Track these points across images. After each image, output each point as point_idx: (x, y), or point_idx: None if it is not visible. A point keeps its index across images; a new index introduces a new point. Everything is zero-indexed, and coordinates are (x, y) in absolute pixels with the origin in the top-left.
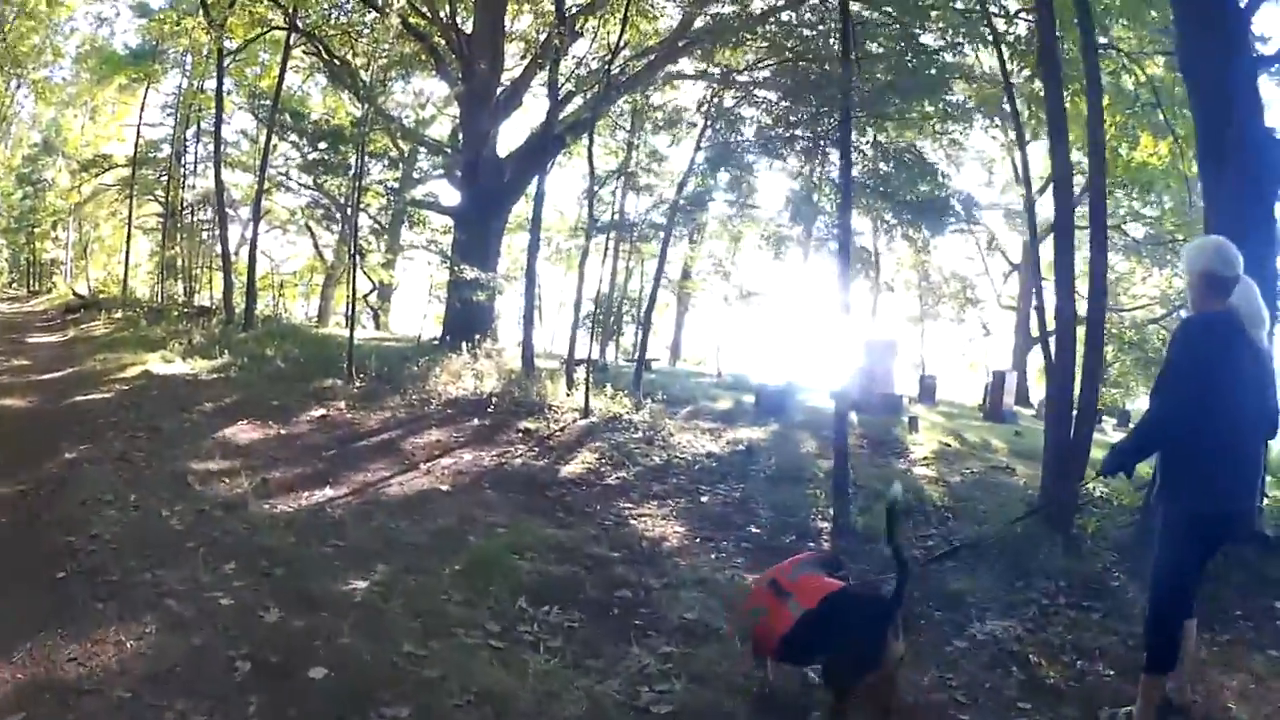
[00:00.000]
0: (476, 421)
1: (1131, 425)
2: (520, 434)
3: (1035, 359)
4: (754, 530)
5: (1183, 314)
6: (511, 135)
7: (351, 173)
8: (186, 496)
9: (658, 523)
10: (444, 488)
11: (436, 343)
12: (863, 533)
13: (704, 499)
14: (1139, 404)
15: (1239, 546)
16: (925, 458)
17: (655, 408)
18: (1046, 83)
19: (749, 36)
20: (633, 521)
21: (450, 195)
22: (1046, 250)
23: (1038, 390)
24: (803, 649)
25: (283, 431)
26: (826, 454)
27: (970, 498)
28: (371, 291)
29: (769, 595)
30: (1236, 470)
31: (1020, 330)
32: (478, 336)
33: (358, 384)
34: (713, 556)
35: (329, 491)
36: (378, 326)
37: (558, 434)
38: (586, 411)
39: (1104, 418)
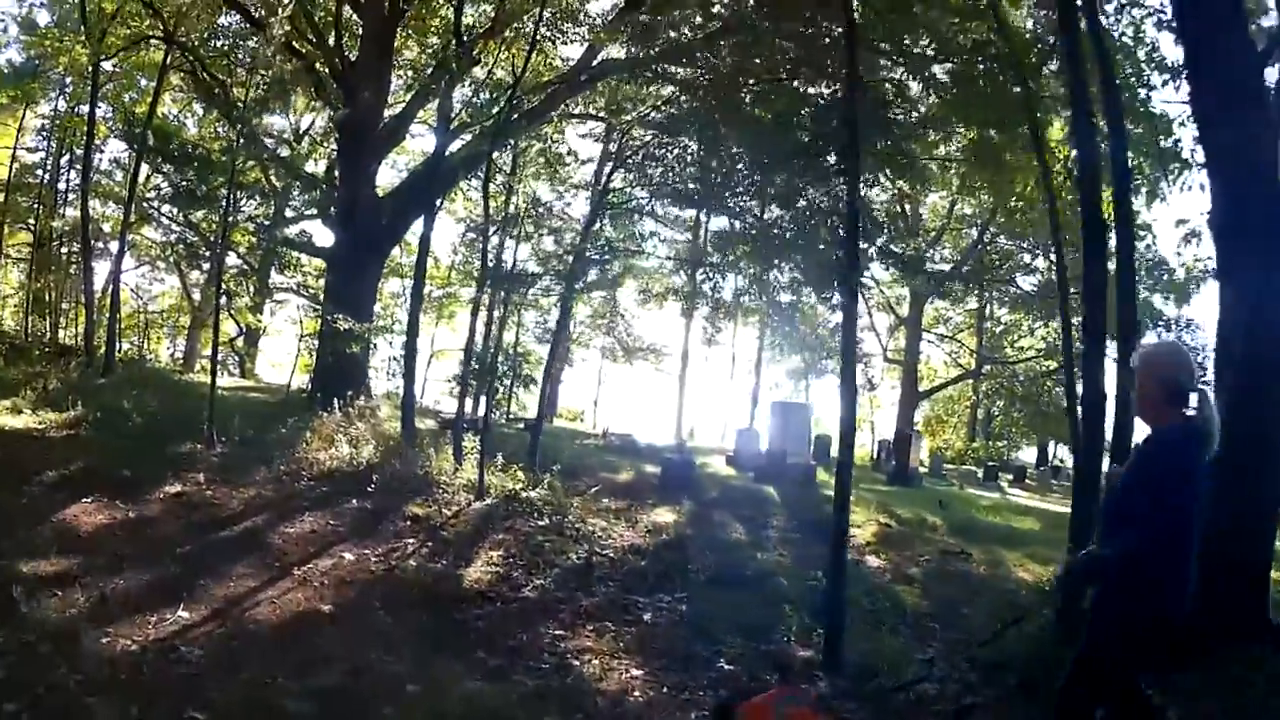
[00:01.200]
0: (356, 503)
1: (1021, 479)
2: (409, 522)
3: (919, 414)
4: (726, 665)
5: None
6: (390, 177)
7: (220, 205)
8: (10, 619)
9: (607, 662)
10: (326, 608)
11: (305, 396)
12: (860, 664)
13: (647, 616)
14: (1023, 455)
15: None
16: (869, 542)
17: (554, 482)
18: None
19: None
20: (575, 662)
21: (324, 236)
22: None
23: (923, 446)
24: None
25: (132, 514)
26: (760, 544)
27: (946, 597)
28: (239, 336)
29: None
30: (1187, 581)
31: (906, 386)
32: (350, 393)
33: (219, 449)
34: (693, 717)
35: (184, 614)
36: (244, 374)
37: (451, 521)
38: (481, 491)
39: (999, 473)
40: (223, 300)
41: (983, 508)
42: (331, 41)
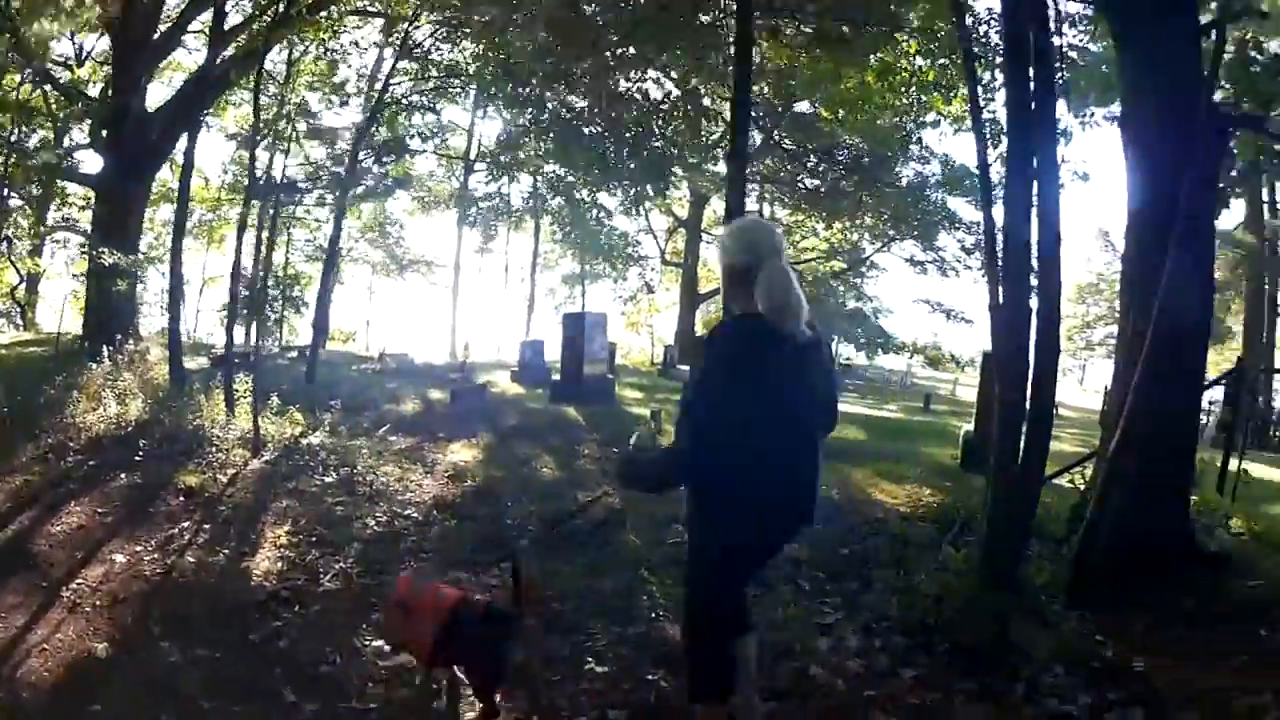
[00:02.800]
0: (125, 479)
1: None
2: (182, 498)
3: (699, 316)
4: (597, 667)
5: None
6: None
7: None
8: None
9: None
10: (100, 645)
11: (76, 346)
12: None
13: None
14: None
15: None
16: None
17: (335, 422)
18: None
19: None
20: (403, 690)
21: (95, 163)
22: None
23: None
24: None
25: None
26: (580, 482)
27: None
28: (20, 284)
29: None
30: (787, 488)
31: (687, 288)
32: (119, 337)
33: None
34: None
35: None
36: (25, 325)
37: (229, 492)
38: (257, 445)
39: None
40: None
41: None
42: None
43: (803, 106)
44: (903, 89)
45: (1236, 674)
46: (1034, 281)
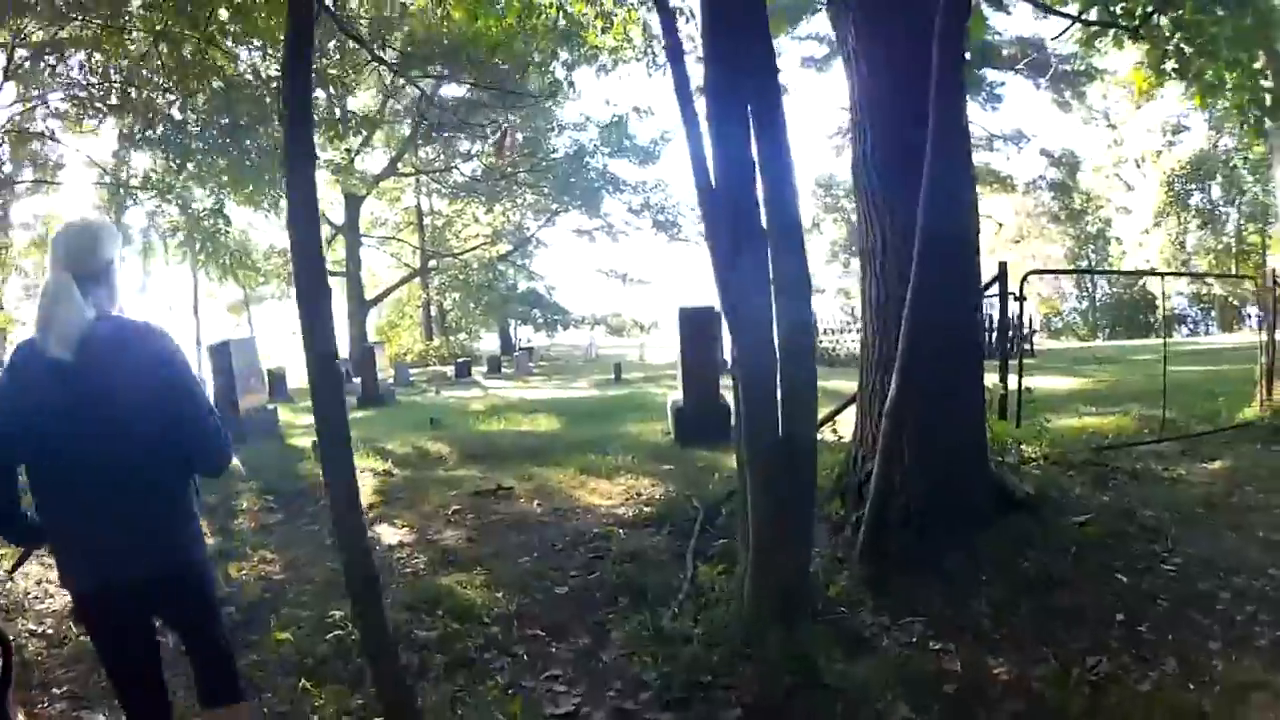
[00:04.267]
0: None
1: (497, 369)
2: None
3: (370, 324)
4: None
5: None
6: None
7: None
8: None
9: None
10: None
11: None
12: None
13: None
14: (485, 344)
15: None
16: (372, 505)
17: None
18: None
19: None
20: None
21: None
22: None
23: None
24: None
25: None
26: (229, 549)
27: (524, 574)
28: None
29: None
30: (87, 532)
31: (353, 296)
32: None
33: None
34: None
35: None
36: None
37: None
38: None
39: (471, 368)
40: None
41: (478, 414)
42: None
43: (457, 90)
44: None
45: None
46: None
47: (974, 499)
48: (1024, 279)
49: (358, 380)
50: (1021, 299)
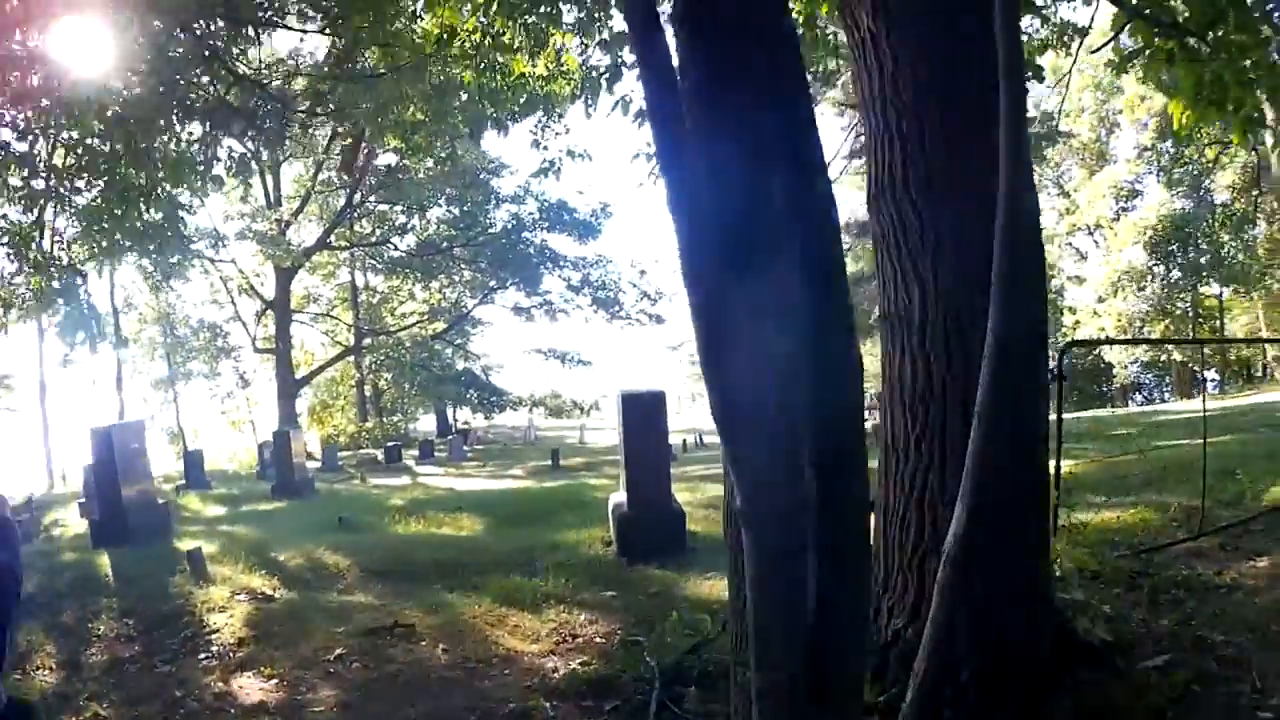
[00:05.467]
0: None
1: (430, 454)
2: None
3: (302, 403)
4: None
5: None
6: None
7: None
8: None
9: None
10: None
11: None
12: None
13: None
14: (423, 425)
15: None
16: (240, 641)
17: None
18: None
19: None
20: None
21: None
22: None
23: (313, 438)
24: None
25: None
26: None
27: None
28: None
29: None
30: None
31: (282, 375)
32: None
33: None
34: None
35: None
36: None
37: None
38: None
39: (402, 451)
40: None
41: (397, 511)
42: None
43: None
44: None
45: None
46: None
47: (1037, 652)
48: (1063, 351)
49: (275, 471)
50: (1062, 378)
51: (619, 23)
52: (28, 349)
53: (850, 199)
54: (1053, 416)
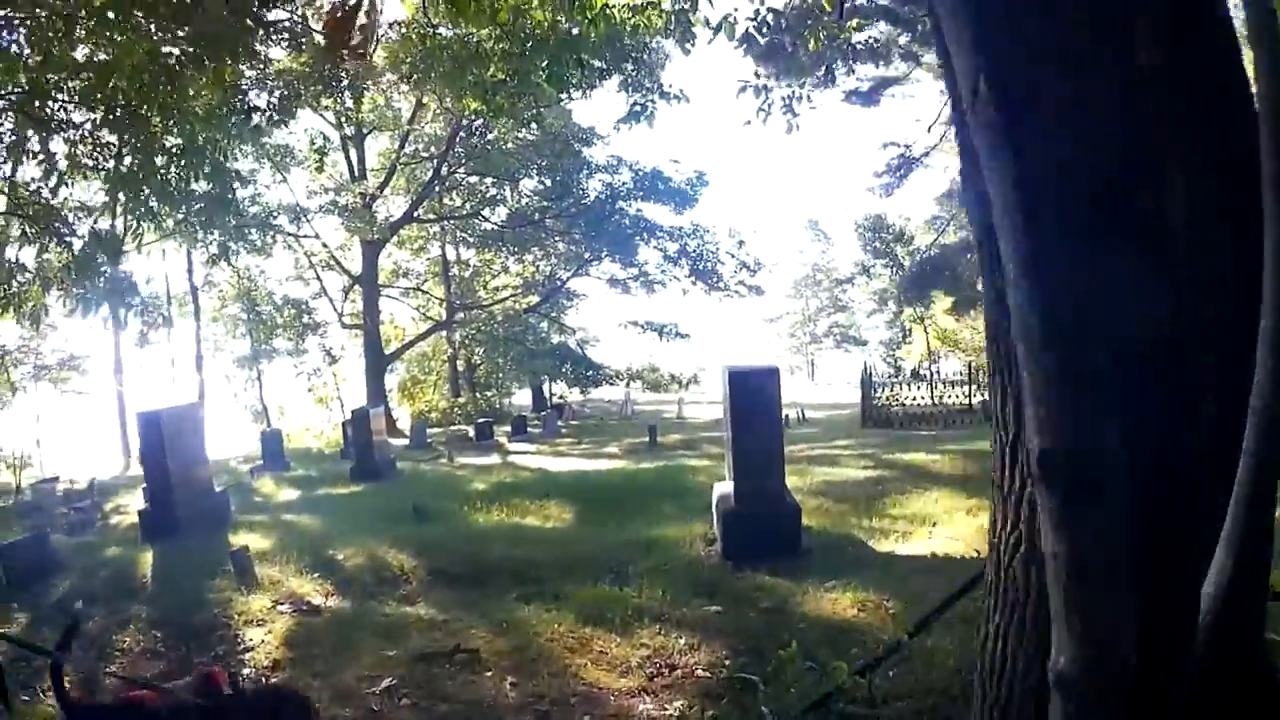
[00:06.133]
0: None
1: (522, 430)
2: None
3: (393, 380)
4: None
5: None
6: None
7: None
8: None
9: None
10: None
11: None
12: None
13: None
14: (518, 399)
15: None
16: (276, 649)
17: None
18: None
19: None
20: None
21: None
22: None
23: (404, 414)
24: None
25: None
26: None
27: None
28: None
29: None
30: None
31: (370, 351)
32: None
33: None
34: None
35: None
36: None
37: None
38: None
39: (493, 428)
40: None
41: (479, 497)
42: None
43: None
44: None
45: None
46: None
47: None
48: None
49: (354, 451)
50: None
51: None
52: (104, 330)
53: None
54: None
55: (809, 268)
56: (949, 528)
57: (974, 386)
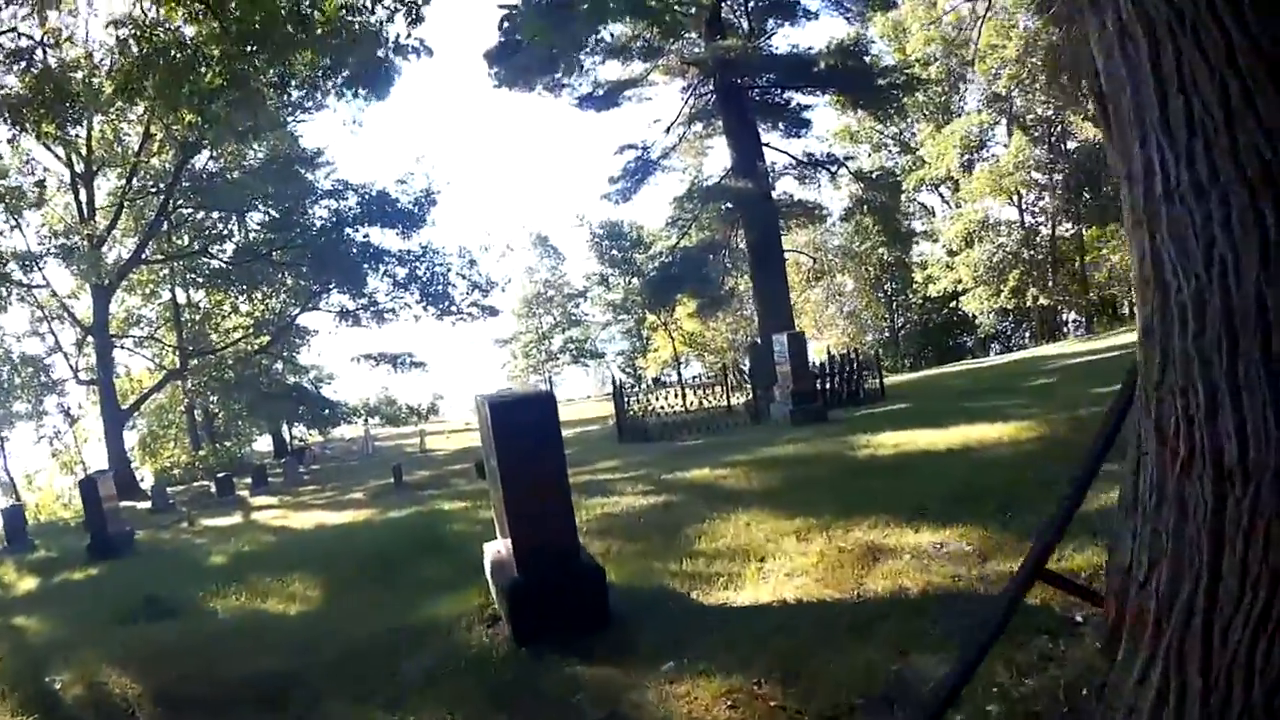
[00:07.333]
0: None
1: (262, 482)
2: None
3: (135, 436)
4: None
5: None
6: None
7: None
8: None
9: None
10: None
11: None
12: None
13: None
14: (262, 446)
15: None
16: None
17: None
18: None
19: None
20: None
21: None
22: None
23: (147, 473)
24: None
25: None
26: None
27: None
28: None
29: None
30: None
31: (107, 407)
32: None
33: None
34: None
35: None
36: None
37: None
38: None
39: (235, 480)
40: None
41: (218, 572)
42: None
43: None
44: None
45: None
46: None
47: None
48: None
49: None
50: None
51: None
52: None
53: None
54: None
55: (539, 284)
56: (782, 561)
57: (725, 388)
